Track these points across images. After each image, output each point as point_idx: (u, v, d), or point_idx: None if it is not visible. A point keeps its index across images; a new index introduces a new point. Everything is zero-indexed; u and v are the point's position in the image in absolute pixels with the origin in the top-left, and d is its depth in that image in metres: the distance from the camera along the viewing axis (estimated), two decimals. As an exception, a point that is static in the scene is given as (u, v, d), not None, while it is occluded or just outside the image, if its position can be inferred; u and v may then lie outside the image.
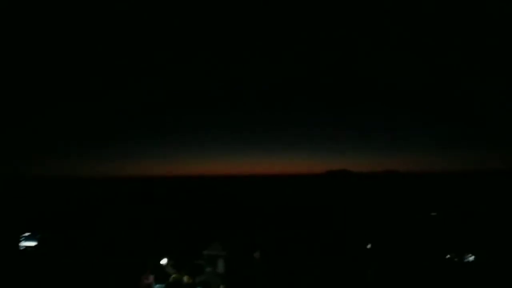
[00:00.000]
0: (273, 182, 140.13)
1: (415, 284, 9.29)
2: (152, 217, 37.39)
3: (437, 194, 72.42)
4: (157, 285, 7.58)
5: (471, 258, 13.10)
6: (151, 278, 8.40)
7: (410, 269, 10.90)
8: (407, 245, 18.12)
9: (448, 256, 12.32)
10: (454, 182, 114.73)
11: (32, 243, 21.24)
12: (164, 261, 7.90)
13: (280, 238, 21.38)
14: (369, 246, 12.31)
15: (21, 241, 20.98)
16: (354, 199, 67.91)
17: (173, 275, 6.81)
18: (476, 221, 34.28)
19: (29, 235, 21.93)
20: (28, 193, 75.65)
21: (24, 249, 20.38)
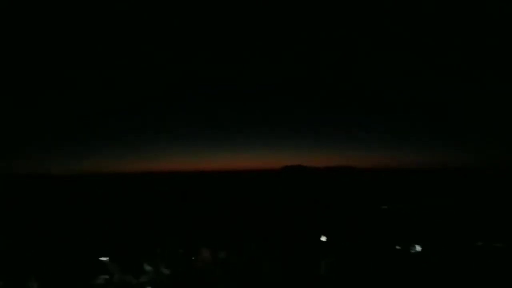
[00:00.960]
0: (230, 178, 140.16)
1: (367, 274, 9.44)
2: (103, 214, 35.82)
3: (388, 189, 76.28)
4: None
5: (418, 248, 13.64)
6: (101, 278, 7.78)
7: (363, 260, 11.11)
8: (360, 237, 18.75)
9: (398, 247, 12.80)
10: (405, 177, 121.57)
11: None
12: (105, 259, 7.28)
13: (236, 235, 21.24)
14: (324, 238, 12.34)
15: None
16: (309, 193, 69.66)
17: (116, 275, 6.29)
18: (424, 214, 36.45)
19: None
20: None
21: None
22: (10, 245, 18.52)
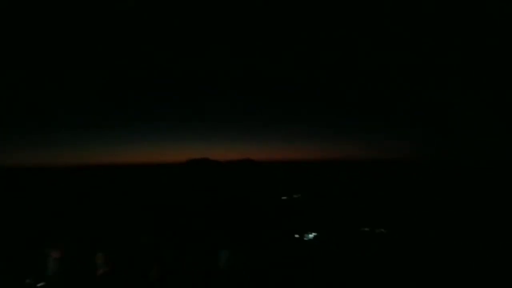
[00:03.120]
0: (135, 172, 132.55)
1: (266, 264, 9.53)
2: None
3: (288, 180, 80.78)
4: None
5: (311, 236, 14.45)
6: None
7: (261, 250, 11.24)
8: (260, 228, 19.22)
9: (297, 235, 13.41)
10: (302, 169, 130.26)
11: None
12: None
13: (133, 230, 19.83)
14: (225, 231, 12.18)
15: None
16: (211, 186, 69.66)
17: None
18: (318, 203, 39.38)
19: None
20: None
21: None
22: None
